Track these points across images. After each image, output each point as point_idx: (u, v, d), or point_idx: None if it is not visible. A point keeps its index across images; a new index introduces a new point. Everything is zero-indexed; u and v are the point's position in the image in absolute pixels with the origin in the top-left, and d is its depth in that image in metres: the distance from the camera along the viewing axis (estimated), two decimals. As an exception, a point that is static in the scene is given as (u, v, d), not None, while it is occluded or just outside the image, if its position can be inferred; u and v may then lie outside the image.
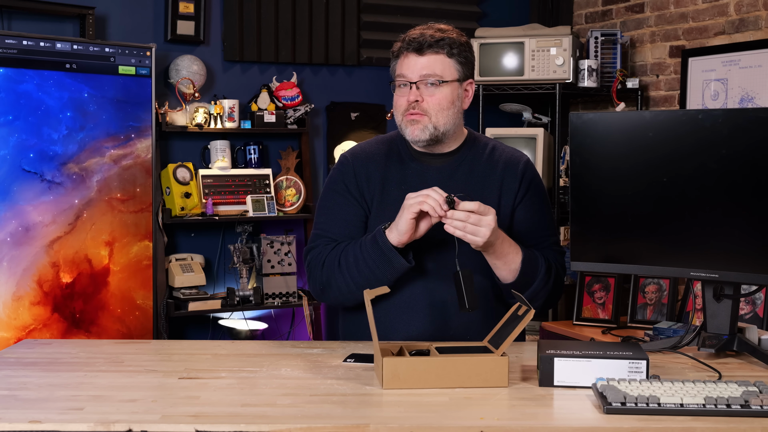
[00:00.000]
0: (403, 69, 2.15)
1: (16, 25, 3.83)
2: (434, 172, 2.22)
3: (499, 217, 2.19)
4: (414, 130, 2.15)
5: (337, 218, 2.23)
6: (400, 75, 2.16)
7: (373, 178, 2.22)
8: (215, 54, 4.34)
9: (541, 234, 2.26)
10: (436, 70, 2.13)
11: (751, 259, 2.00)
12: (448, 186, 2.17)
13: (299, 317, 4.43)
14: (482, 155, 2.25)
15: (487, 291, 2.19)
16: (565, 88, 4.34)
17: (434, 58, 2.14)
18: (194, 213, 4.08)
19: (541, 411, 1.64)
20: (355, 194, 2.22)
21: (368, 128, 4.65)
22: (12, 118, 3.44)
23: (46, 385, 1.77)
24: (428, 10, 4.77)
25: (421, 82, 2.13)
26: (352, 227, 2.21)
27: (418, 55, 2.14)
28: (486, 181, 2.22)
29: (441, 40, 2.13)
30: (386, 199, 2.21)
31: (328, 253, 2.17)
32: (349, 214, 2.22)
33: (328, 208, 2.25)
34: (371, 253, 2.09)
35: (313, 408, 1.62)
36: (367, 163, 2.24)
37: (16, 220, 3.45)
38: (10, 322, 3.42)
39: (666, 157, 2.07)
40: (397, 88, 2.18)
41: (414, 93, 2.13)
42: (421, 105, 2.13)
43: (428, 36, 2.13)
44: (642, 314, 3.88)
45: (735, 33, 4.06)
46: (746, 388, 1.65)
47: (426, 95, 2.14)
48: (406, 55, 2.15)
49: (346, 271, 2.13)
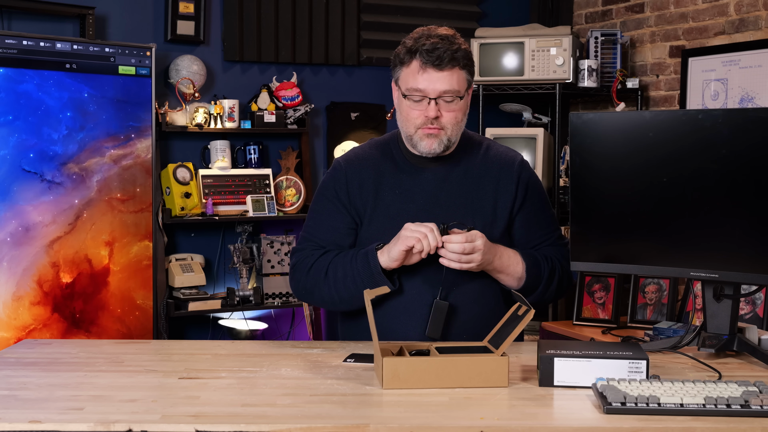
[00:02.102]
0: (420, 83, 2.10)
1: (16, 25, 3.83)
2: (429, 176, 2.21)
3: (496, 218, 2.20)
4: (431, 144, 2.14)
5: (324, 224, 2.24)
6: (417, 90, 2.11)
7: (366, 185, 2.22)
8: (215, 54, 4.34)
9: (544, 232, 2.28)
10: (455, 86, 2.11)
11: (751, 259, 2.00)
12: (443, 189, 2.18)
13: (299, 317, 4.43)
14: (477, 156, 2.25)
15: (487, 292, 2.19)
16: (565, 88, 4.34)
17: (452, 74, 2.10)
18: (194, 213, 4.08)
19: (541, 411, 1.64)
20: (345, 202, 2.23)
21: (368, 128, 4.65)
22: (12, 118, 3.44)
23: (46, 385, 1.77)
24: (428, 10, 4.77)
25: (440, 98, 2.11)
26: (339, 234, 2.23)
27: (438, 71, 2.09)
28: (481, 183, 2.22)
29: (456, 52, 2.10)
30: (380, 204, 2.21)
31: (315, 259, 2.19)
32: (337, 221, 2.23)
33: (318, 213, 2.27)
34: (360, 271, 2.11)
35: (313, 408, 1.62)
36: (360, 170, 2.24)
37: (16, 220, 3.45)
38: (10, 322, 3.42)
39: (666, 157, 2.06)
40: (410, 100, 2.13)
41: (433, 109, 2.11)
42: (439, 120, 2.12)
43: (444, 49, 2.08)
44: (642, 314, 3.88)
45: (735, 33, 4.06)
46: (746, 388, 1.65)
47: (444, 111, 2.12)
48: (425, 69, 2.09)
49: (332, 283, 2.15)
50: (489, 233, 2.17)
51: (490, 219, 2.20)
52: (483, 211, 2.20)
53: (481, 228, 2.16)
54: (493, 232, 2.19)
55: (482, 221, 2.19)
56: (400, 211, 2.19)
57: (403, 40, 2.17)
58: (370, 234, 2.20)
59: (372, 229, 2.20)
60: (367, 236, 2.20)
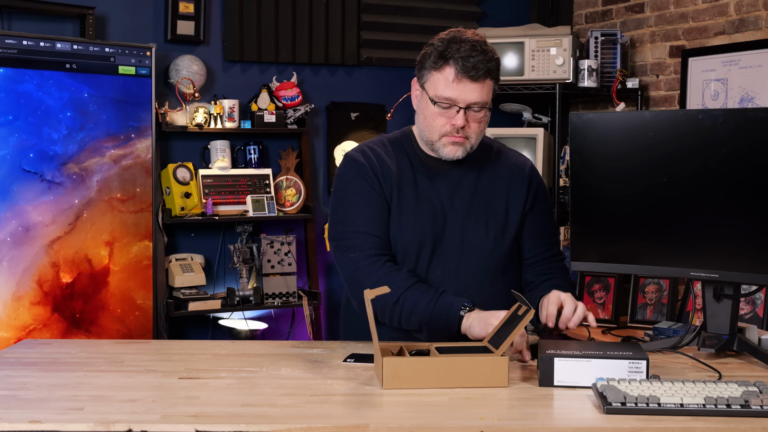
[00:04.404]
0: (452, 92, 2.06)
1: (16, 25, 3.83)
2: (444, 178, 2.19)
3: (508, 223, 2.20)
4: (455, 151, 2.11)
5: (367, 213, 2.15)
6: (447, 98, 2.07)
7: (389, 178, 2.18)
8: (215, 54, 4.34)
9: (545, 242, 2.26)
10: (485, 97, 2.08)
11: (751, 259, 2.00)
12: (458, 192, 2.17)
13: (299, 317, 4.43)
14: (488, 160, 2.24)
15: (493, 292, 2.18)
16: (565, 88, 4.34)
17: (485, 85, 2.07)
18: (194, 213, 4.08)
19: (541, 411, 1.64)
20: (378, 189, 2.16)
21: (368, 128, 4.65)
22: (12, 118, 3.44)
23: (46, 385, 1.77)
24: (428, 10, 4.76)
25: (469, 108, 2.08)
26: (383, 224, 2.15)
27: (472, 82, 2.05)
28: (493, 187, 2.21)
29: (489, 62, 2.06)
30: (404, 199, 2.17)
31: (383, 275, 2.08)
32: (381, 207, 2.15)
33: (355, 203, 2.16)
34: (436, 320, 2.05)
35: (313, 408, 1.62)
36: (381, 163, 2.19)
37: (16, 220, 3.45)
38: (10, 322, 3.42)
39: (666, 157, 2.07)
40: (438, 107, 2.09)
41: (462, 119, 2.07)
42: (465, 129, 2.09)
43: (480, 59, 2.04)
44: (642, 314, 3.88)
45: (735, 33, 4.06)
46: (746, 388, 1.65)
47: (471, 120, 2.09)
48: (460, 79, 2.04)
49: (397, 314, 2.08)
50: (501, 239, 2.17)
51: (502, 224, 2.19)
52: (496, 215, 2.19)
53: (494, 234, 2.17)
54: (505, 238, 2.19)
55: (495, 226, 2.18)
56: (420, 210, 2.16)
57: (431, 42, 2.12)
58: (393, 229, 2.16)
59: (395, 224, 2.16)
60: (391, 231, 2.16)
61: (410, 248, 2.15)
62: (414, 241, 2.15)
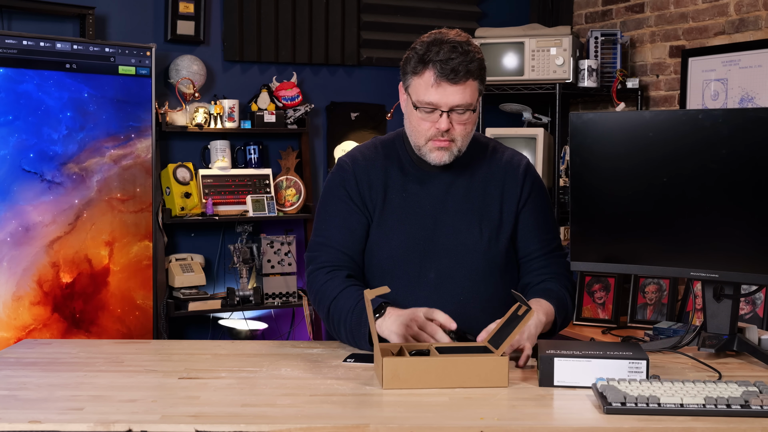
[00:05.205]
0: (432, 96, 2.03)
1: (16, 25, 3.83)
2: (436, 181, 2.18)
3: (502, 223, 2.19)
4: (441, 156, 2.10)
5: (339, 226, 2.18)
6: (428, 103, 2.04)
7: (374, 186, 2.18)
8: (215, 54, 4.34)
9: (545, 237, 2.23)
10: (468, 99, 2.04)
11: (751, 259, 2.00)
12: (450, 194, 2.16)
13: (299, 317, 4.43)
14: (483, 160, 2.22)
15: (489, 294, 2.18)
16: (565, 88, 4.34)
17: (467, 86, 2.04)
18: (194, 213, 4.08)
19: (541, 411, 1.64)
20: (357, 202, 2.17)
21: (368, 128, 4.65)
22: (12, 118, 3.44)
23: (46, 385, 1.77)
24: (428, 10, 4.76)
25: (452, 110, 2.05)
26: (355, 236, 2.17)
27: (452, 84, 2.02)
28: (487, 188, 2.19)
29: (470, 63, 2.03)
30: (388, 207, 2.17)
31: (322, 284, 2.12)
32: (353, 222, 2.17)
33: (331, 215, 2.20)
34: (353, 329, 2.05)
35: (313, 408, 1.62)
36: (367, 170, 2.19)
37: (16, 220, 3.45)
38: (10, 322, 3.42)
39: (666, 157, 2.06)
40: (421, 111, 2.07)
41: (445, 122, 2.05)
42: (450, 132, 2.07)
43: (459, 61, 2.01)
44: (642, 314, 3.88)
45: (735, 33, 4.06)
46: (746, 388, 1.65)
47: (456, 123, 2.07)
48: (439, 83, 2.01)
49: (332, 322, 2.11)
50: (496, 240, 2.16)
51: (496, 225, 2.17)
52: (490, 216, 2.17)
53: (488, 235, 2.16)
54: (500, 239, 2.17)
55: (489, 227, 2.17)
56: (407, 216, 2.16)
57: (413, 45, 2.09)
58: (378, 238, 2.16)
59: (380, 232, 2.16)
60: (375, 239, 2.17)
61: (396, 252, 2.14)
62: (400, 246, 2.14)
